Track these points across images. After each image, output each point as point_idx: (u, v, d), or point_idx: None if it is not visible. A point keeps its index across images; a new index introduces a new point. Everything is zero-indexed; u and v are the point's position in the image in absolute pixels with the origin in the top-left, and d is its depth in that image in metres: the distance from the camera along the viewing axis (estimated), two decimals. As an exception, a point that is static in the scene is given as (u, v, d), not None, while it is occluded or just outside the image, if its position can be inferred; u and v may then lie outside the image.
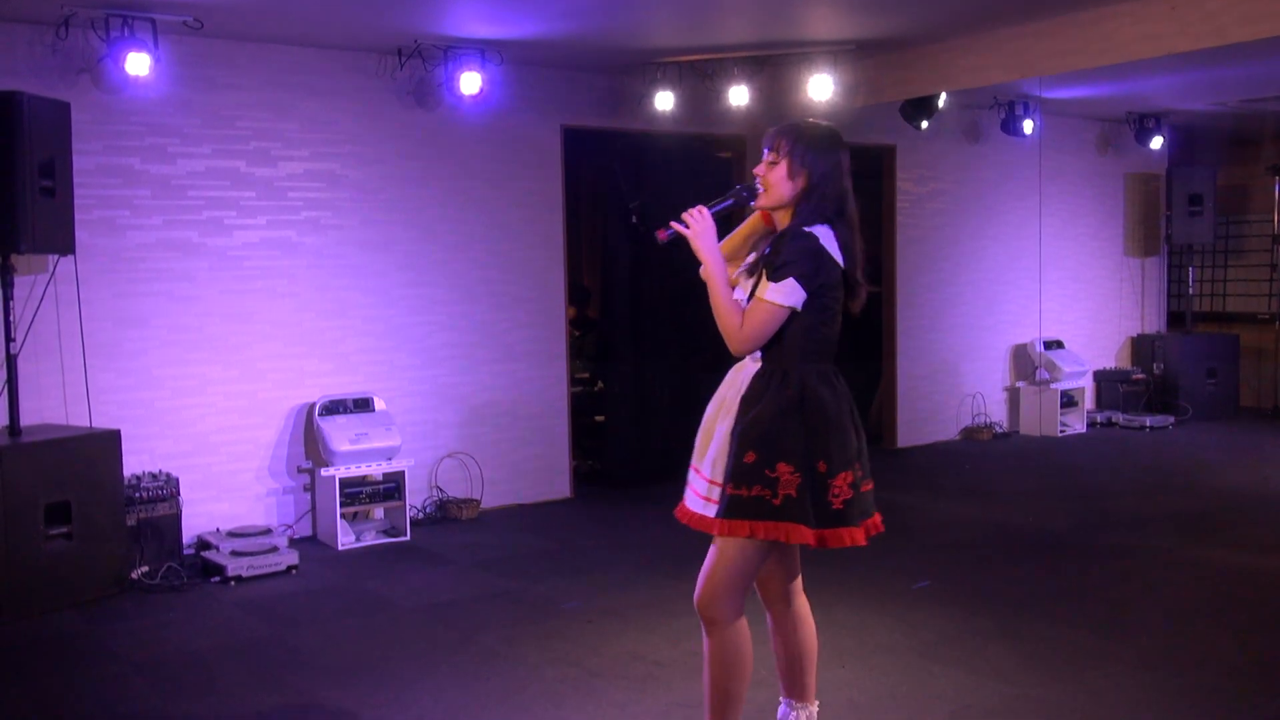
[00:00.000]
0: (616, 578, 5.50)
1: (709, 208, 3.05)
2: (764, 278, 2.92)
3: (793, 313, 2.92)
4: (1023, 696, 3.89)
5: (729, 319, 2.95)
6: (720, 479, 2.96)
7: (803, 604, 3.29)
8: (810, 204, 2.99)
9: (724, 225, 3.15)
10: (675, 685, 4.07)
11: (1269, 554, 5.70)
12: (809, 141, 3.02)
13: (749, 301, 2.97)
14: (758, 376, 2.97)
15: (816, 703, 3.34)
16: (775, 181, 3.01)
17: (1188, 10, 5.70)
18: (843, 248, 2.98)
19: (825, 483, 2.91)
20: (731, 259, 3.16)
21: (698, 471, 3.07)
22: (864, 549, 3.12)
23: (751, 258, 3.08)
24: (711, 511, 2.97)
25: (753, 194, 3.07)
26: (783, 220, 3.06)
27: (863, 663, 4.26)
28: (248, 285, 6.21)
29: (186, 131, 6.00)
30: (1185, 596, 5.05)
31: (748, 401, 2.95)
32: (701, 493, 3.03)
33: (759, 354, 3.02)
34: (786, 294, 2.88)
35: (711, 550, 3.05)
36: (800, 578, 3.28)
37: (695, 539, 6.56)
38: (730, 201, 3.10)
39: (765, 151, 3.06)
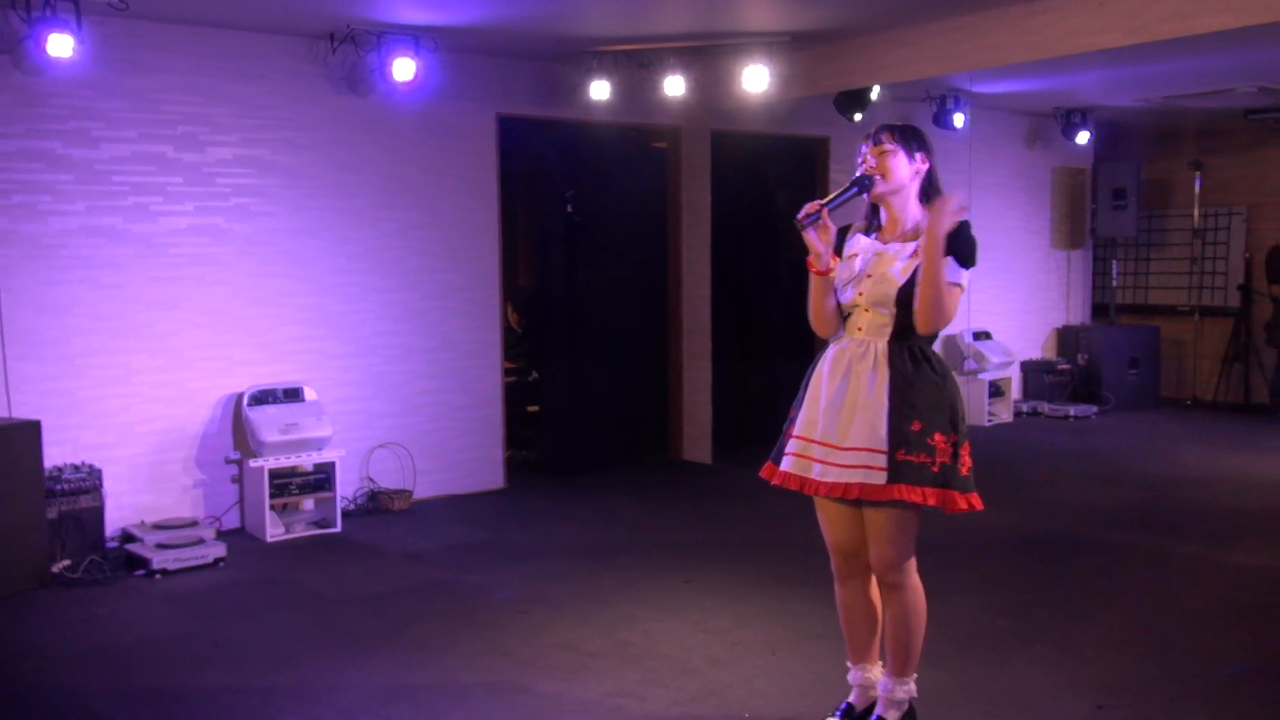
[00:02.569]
0: (550, 568, 5.46)
1: (829, 205, 3.24)
2: (951, 260, 3.12)
3: None
4: (954, 683, 3.92)
5: (944, 295, 3.11)
6: (880, 446, 3.13)
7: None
8: (938, 189, 3.29)
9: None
10: (607, 675, 4.05)
11: (1189, 540, 5.82)
12: (915, 131, 3.33)
13: (901, 281, 3.16)
14: (903, 353, 3.18)
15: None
16: (895, 167, 3.25)
17: (1114, 7, 5.78)
18: None
19: (958, 451, 3.19)
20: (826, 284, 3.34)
21: (841, 447, 3.19)
22: (792, 543, 3.15)
23: (893, 246, 3.25)
24: (876, 479, 3.13)
25: (869, 184, 3.27)
26: (904, 206, 3.29)
27: (794, 649, 4.27)
28: (175, 272, 6.07)
29: (111, 115, 5.84)
30: (1107, 581, 5.13)
31: (898, 371, 3.16)
32: (855, 463, 3.16)
33: (848, 331, 3.28)
34: (967, 278, 3.19)
35: (875, 518, 3.21)
36: None
37: (627, 531, 6.54)
38: (851, 191, 3.27)
39: (868, 146, 3.30)
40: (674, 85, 7.13)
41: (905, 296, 3.17)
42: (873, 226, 3.38)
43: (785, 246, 8.28)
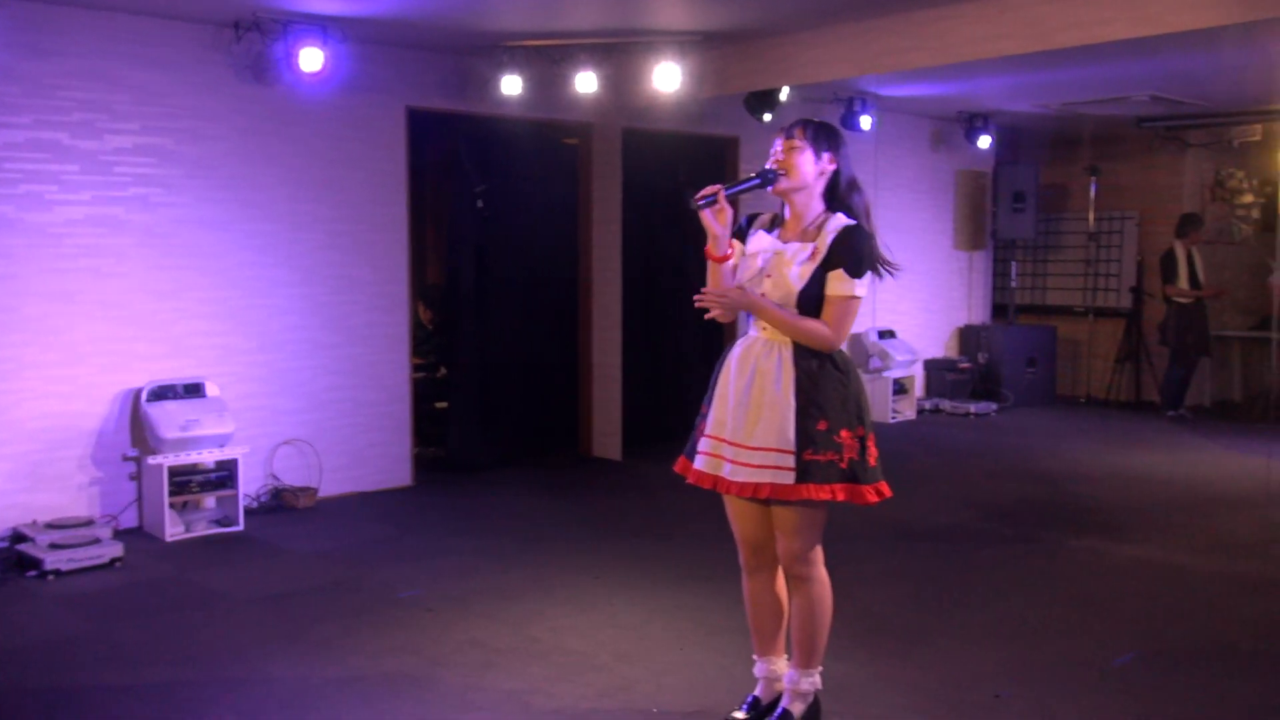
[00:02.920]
0: (456, 565, 5.42)
1: (727, 189, 3.23)
2: (841, 272, 3.17)
3: None
4: (858, 673, 3.99)
5: (812, 330, 3.18)
6: (788, 446, 3.17)
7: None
8: (847, 196, 3.30)
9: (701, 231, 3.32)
10: (514, 671, 4.04)
11: (1083, 533, 5.99)
12: (828, 129, 3.33)
13: (799, 287, 3.18)
14: (807, 352, 3.20)
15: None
16: (800, 164, 3.26)
17: (1015, 15, 5.92)
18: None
19: (865, 444, 3.25)
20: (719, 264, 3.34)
21: (749, 447, 3.21)
22: (700, 539, 3.19)
23: (793, 245, 3.25)
24: (784, 479, 3.17)
25: (772, 178, 3.27)
26: (808, 205, 3.30)
27: (701, 644, 4.30)
28: (70, 264, 5.88)
29: (4, 100, 5.63)
30: (1004, 573, 5.26)
31: (803, 371, 3.20)
32: (765, 463, 3.19)
33: (755, 325, 3.31)
34: (866, 286, 3.21)
35: (783, 513, 3.27)
36: None
37: (536, 528, 6.52)
38: (753, 182, 3.27)
39: (780, 141, 3.30)
40: (586, 82, 7.12)
41: (806, 299, 3.19)
42: (776, 222, 3.40)
43: (696, 244, 8.32)
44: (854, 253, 3.17)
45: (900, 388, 9.93)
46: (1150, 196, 10.86)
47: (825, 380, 3.19)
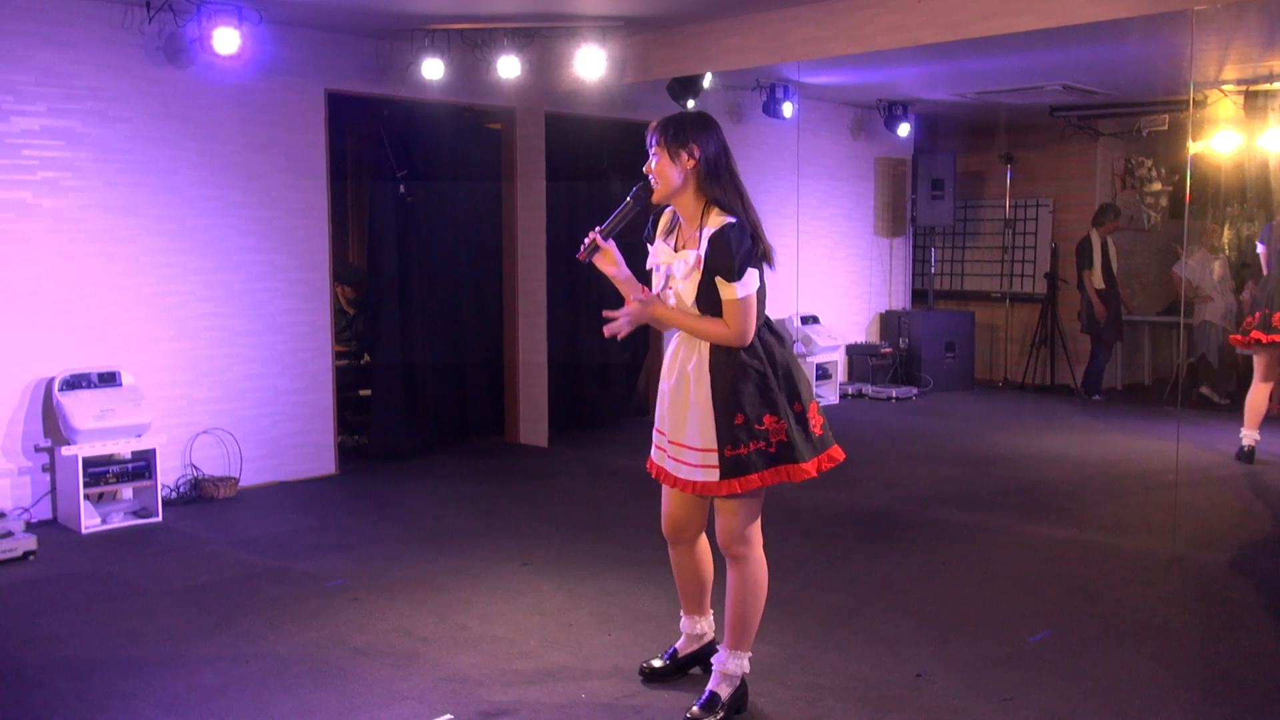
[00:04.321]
0: (381, 554, 5.38)
1: (603, 228, 3.33)
2: (721, 280, 3.23)
3: None
4: (782, 655, 4.04)
5: (716, 334, 3.28)
6: (712, 445, 3.28)
7: (705, 542, 3.71)
8: (713, 184, 3.28)
9: (625, 235, 3.41)
10: (441, 660, 4.02)
11: (1000, 514, 6.13)
12: (679, 125, 3.29)
13: (692, 297, 3.29)
14: (721, 351, 3.29)
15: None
16: (663, 171, 3.29)
17: (932, 5, 6.01)
18: (754, 229, 3.32)
19: (804, 417, 3.33)
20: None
21: (682, 445, 3.36)
22: (633, 522, 3.24)
23: (682, 255, 3.32)
24: (711, 477, 3.30)
25: (645, 194, 3.33)
26: (689, 206, 3.33)
27: (628, 629, 4.33)
28: (-24, 250, 5.71)
29: (-98, 80, 5.46)
30: (928, 553, 5.36)
31: (718, 370, 3.28)
32: (695, 462, 3.33)
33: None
34: (751, 284, 3.25)
35: (717, 502, 3.40)
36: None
37: (462, 516, 6.48)
38: (633, 209, 3.32)
39: (649, 148, 3.33)
40: (508, 66, 7.08)
41: (704, 306, 3.29)
42: (673, 227, 3.44)
43: (621, 230, 8.33)
44: (727, 256, 3.20)
45: (823, 372, 10.04)
46: (1063, 184, 11.10)
47: (738, 374, 3.26)
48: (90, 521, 5.81)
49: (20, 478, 5.89)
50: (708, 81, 7.97)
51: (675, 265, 3.34)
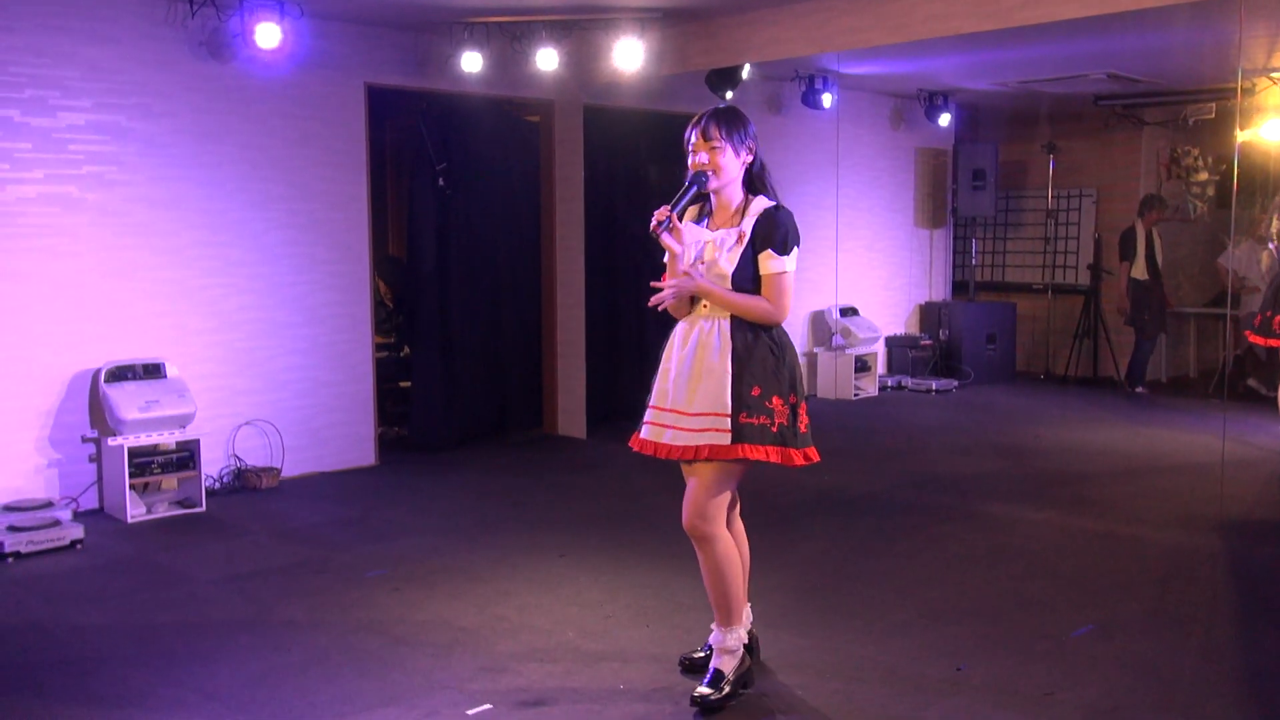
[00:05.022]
0: (421, 545, 5.42)
1: (674, 208, 3.47)
2: (770, 252, 3.46)
3: None
4: (820, 647, 4.04)
5: (757, 308, 3.47)
6: (725, 410, 3.41)
7: (740, 525, 3.81)
8: (762, 178, 3.58)
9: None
10: (480, 650, 4.05)
11: (1042, 507, 6.08)
12: (742, 122, 3.55)
13: (731, 269, 3.47)
14: (743, 328, 3.48)
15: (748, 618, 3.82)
16: (726, 164, 3.51)
17: (974, -7, 5.96)
18: None
19: (796, 411, 3.51)
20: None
21: (691, 413, 3.47)
22: (671, 513, 3.26)
23: (720, 232, 3.53)
24: (722, 440, 3.41)
25: (704, 181, 3.52)
26: (731, 194, 3.57)
27: (665, 621, 4.34)
28: (23, 243, 5.79)
29: (-48, 76, 5.55)
30: (965, 547, 5.34)
31: (740, 342, 3.47)
32: (705, 426, 3.43)
33: (694, 310, 3.58)
34: (794, 261, 3.51)
35: (702, 470, 3.50)
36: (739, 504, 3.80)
37: (500, 507, 6.52)
38: (690, 191, 3.50)
39: (695, 139, 3.52)
40: (546, 59, 7.09)
41: (739, 281, 3.47)
42: (704, 212, 3.64)
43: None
44: (778, 232, 3.47)
45: (863, 365, 10.00)
46: (1107, 174, 10.98)
47: (759, 350, 3.47)
48: (136, 511, 5.89)
49: (68, 467, 5.99)
50: (746, 73, 7.95)
51: (718, 241, 3.51)
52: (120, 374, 5.96)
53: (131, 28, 6.08)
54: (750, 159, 3.57)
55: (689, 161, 3.56)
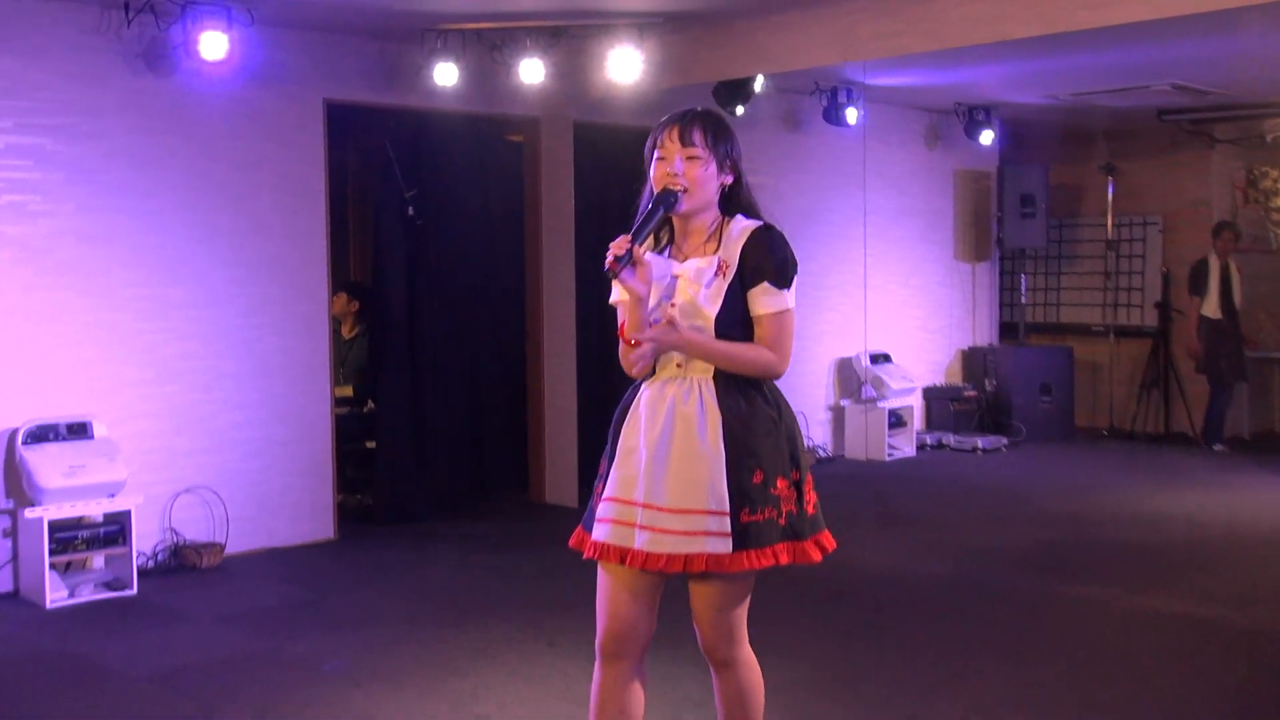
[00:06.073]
0: (389, 633, 5.40)
1: (636, 237, 3.07)
2: (766, 285, 3.07)
3: None
4: (851, 752, 4.01)
5: (754, 360, 3.08)
6: (722, 507, 3.02)
7: (646, 661, 3.31)
8: (746, 198, 3.21)
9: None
10: (460, 756, 4.02)
11: (1107, 584, 6.06)
12: (729, 133, 3.20)
13: (715, 310, 3.07)
14: (732, 388, 3.08)
15: None
16: (703, 181, 3.13)
17: (1020, -6, 6.03)
18: None
19: (801, 489, 3.14)
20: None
21: (674, 510, 3.03)
22: (677, 595, 3.15)
23: (692, 264, 3.15)
24: (722, 547, 3.01)
25: (673, 201, 3.12)
26: (703, 219, 3.18)
27: (667, 719, 4.31)
28: (-69, 284, 5.84)
29: None
30: (1019, 632, 5.31)
31: (732, 412, 3.06)
32: (697, 529, 3.01)
33: (662, 368, 3.17)
34: (793, 297, 3.12)
35: (707, 590, 3.12)
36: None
37: (480, 587, 6.48)
38: (656, 215, 3.10)
39: (667, 143, 3.15)
40: (531, 70, 7.16)
41: (725, 324, 3.07)
42: (664, 240, 3.28)
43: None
44: (774, 258, 3.08)
45: (897, 420, 10.00)
46: (1174, 199, 11.03)
47: (757, 421, 3.08)
48: (56, 594, 5.86)
49: (-22, 544, 5.99)
50: (759, 85, 8.03)
51: (692, 274, 3.12)
52: (41, 434, 5.96)
53: (58, 37, 6.15)
54: (730, 180, 3.18)
55: (650, 173, 3.18)
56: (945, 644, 5.18)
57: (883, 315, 10.41)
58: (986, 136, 10.47)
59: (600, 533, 3.14)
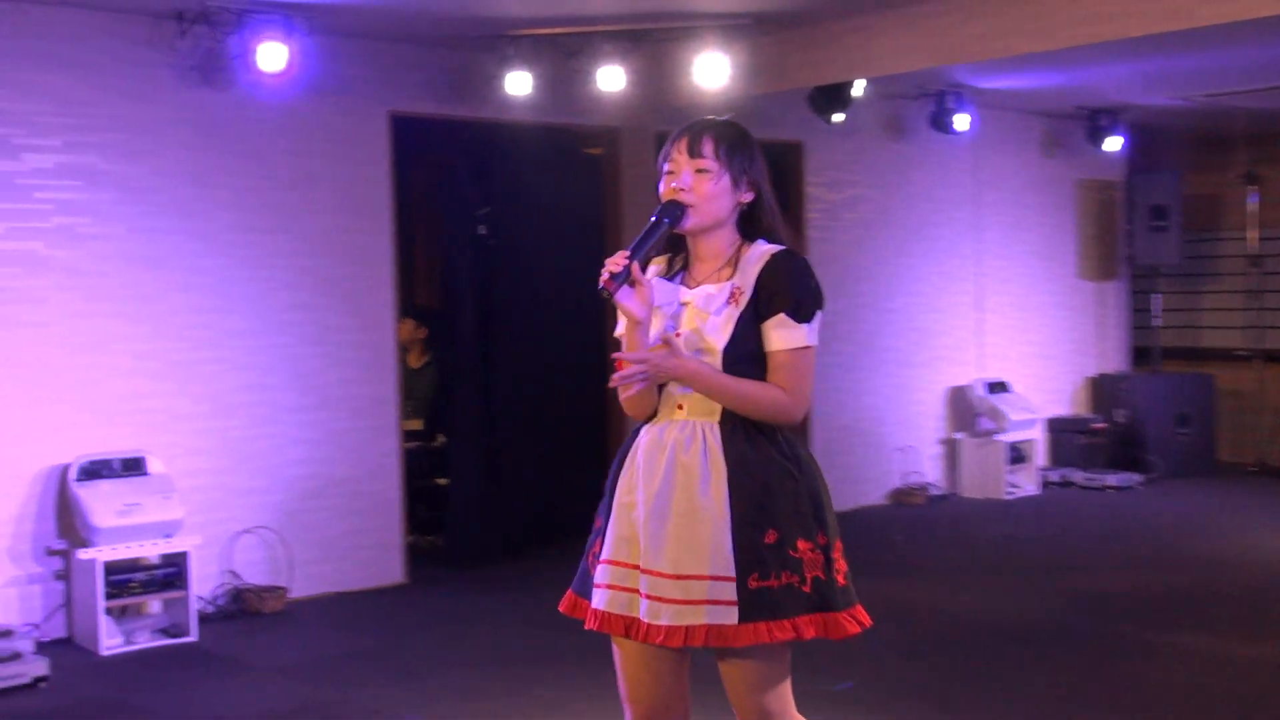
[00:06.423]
0: (459, 684, 5.43)
1: (634, 253, 2.94)
2: (783, 317, 2.93)
3: None
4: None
5: (765, 400, 2.92)
6: (727, 571, 2.85)
7: None
8: (768, 221, 3.07)
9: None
10: (537, 811, 4.03)
11: (1260, 641, 5.92)
12: (748, 146, 3.06)
13: (723, 342, 2.93)
14: (739, 435, 2.93)
15: None
16: (714, 195, 3.00)
17: (1147, -17, 5.97)
18: None
19: (829, 555, 2.95)
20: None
21: (671, 575, 2.88)
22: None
23: (702, 290, 3.02)
24: (726, 617, 2.84)
25: (678, 215, 3.00)
26: (716, 244, 3.06)
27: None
28: (-21, 313, 6.02)
29: (-102, 114, 5.82)
30: (1162, 692, 5.20)
31: (739, 463, 2.90)
32: (698, 597, 2.85)
33: (664, 411, 3.03)
34: (816, 332, 2.97)
35: (735, 669, 2.95)
36: None
37: (565, 636, 6.49)
38: (662, 229, 2.99)
39: (675, 155, 3.04)
40: (611, 78, 7.21)
41: (734, 358, 2.93)
42: (675, 265, 3.16)
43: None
44: (793, 287, 2.95)
45: (1017, 454, 9.88)
46: (1326, 208, 10.82)
47: (769, 473, 2.91)
48: (111, 641, 5.97)
49: (30, 587, 6.11)
50: (859, 90, 8.02)
51: (701, 302, 2.99)
52: (94, 470, 6.09)
53: (109, 51, 6.32)
54: (751, 198, 3.04)
55: (660, 189, 3.05)
56: (1070, 701, 5.10)
57: (1000, 340, 10.30)
58: (1112, 143, 10.35)
59: (600, 600, 3.02)
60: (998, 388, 9.99)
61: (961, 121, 9.12)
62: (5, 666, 5.39)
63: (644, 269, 3.01)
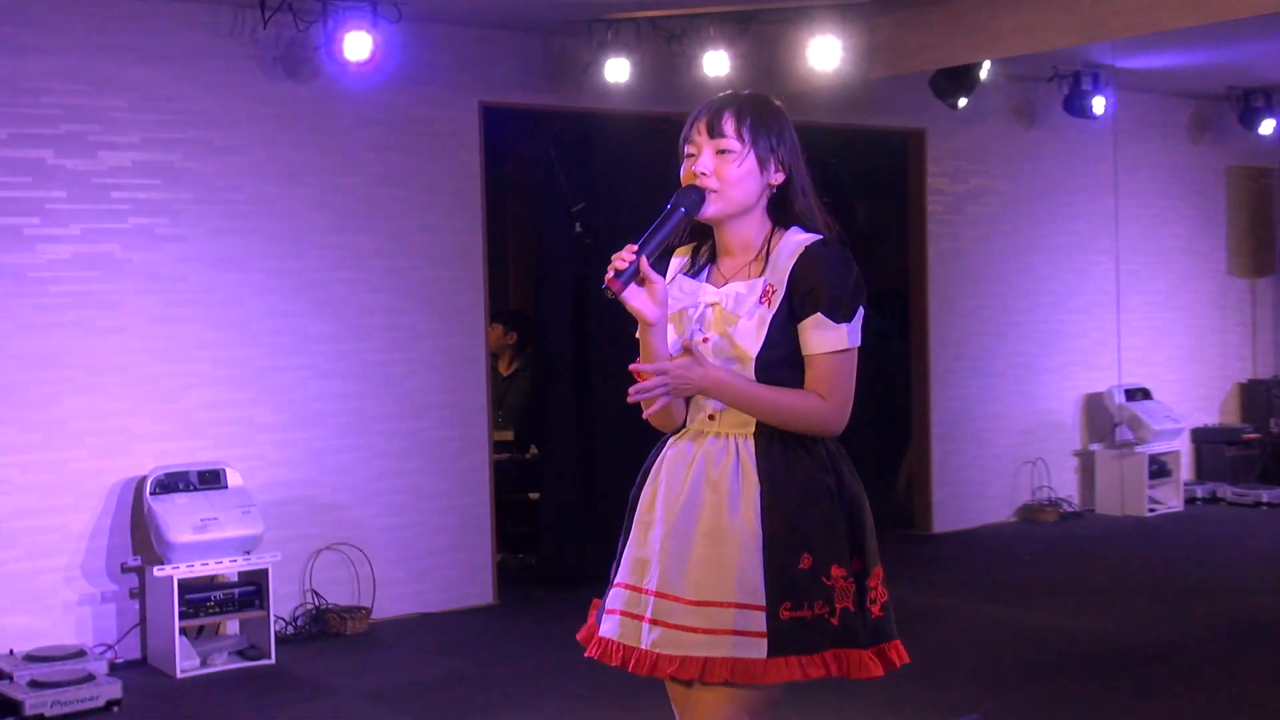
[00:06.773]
0: (552, 711, 5.50)
1: (644, 247, 2.86)
2: (820, 317, 2.81)
3: None
4: None
5: (801, 410, 2.82)
6: (756, 599, 2.75)
7: None
8: (803, 205, 2.96)
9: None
10: None
11: None
12: (777, 121, 2.96)
13: (756, 347, 2.83)
14: (774, 448, 2.83)
15: None
16: (739, 179, 2.90)
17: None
18: None
19: (864, 584, 2.85)
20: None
21: (694, 602, 2.79)
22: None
23: (731, 289, 2.92)
24: (754, 651, 2.73)
25: (697, 202, 2.91)
26: (744, 232, 2.97)
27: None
28: (55, 317, 6.17)
29: (-28, 111, 6.00)
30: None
31: (774, 479, 2.81)
32: (722, 626, 2.75)
33: (692, 422, 2.96)
34: (858, 332, 2.86)
35: (713, 701, 2.81)
36: None
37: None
38: (677, 218, 2.90)
39: (694, 136, 2.95)
40: (716, 63, 7.23)
41: (769, 364, 2.83)
42: (700, 259, 3.07)
43: (874, 272, 8.36)
44: (831, 283, 2.82)
45: (1160, 467, 9.78)
46: None
47: (806, 490, 2.81)
48: (187, 663, 6.11)
49: (103, 605, 6.29)
50: (985, 72, 7.99)
51: (729, 301, 2.89)
52: (170, 483, 6.23)
53: (189, 42, 6.47)
54: (783, 179, 2.94)
55: (681, 173, 2.96)
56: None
57: (1141, 343, 10.18)
58: (1267, 126, 10.18)
59: (608, 627, 2.96)
60: (1138, 395, 9.88)
61: (1099, 105, 9.04)
62: (77, 689, 5.53)
63: (662, 262, 2.93)
